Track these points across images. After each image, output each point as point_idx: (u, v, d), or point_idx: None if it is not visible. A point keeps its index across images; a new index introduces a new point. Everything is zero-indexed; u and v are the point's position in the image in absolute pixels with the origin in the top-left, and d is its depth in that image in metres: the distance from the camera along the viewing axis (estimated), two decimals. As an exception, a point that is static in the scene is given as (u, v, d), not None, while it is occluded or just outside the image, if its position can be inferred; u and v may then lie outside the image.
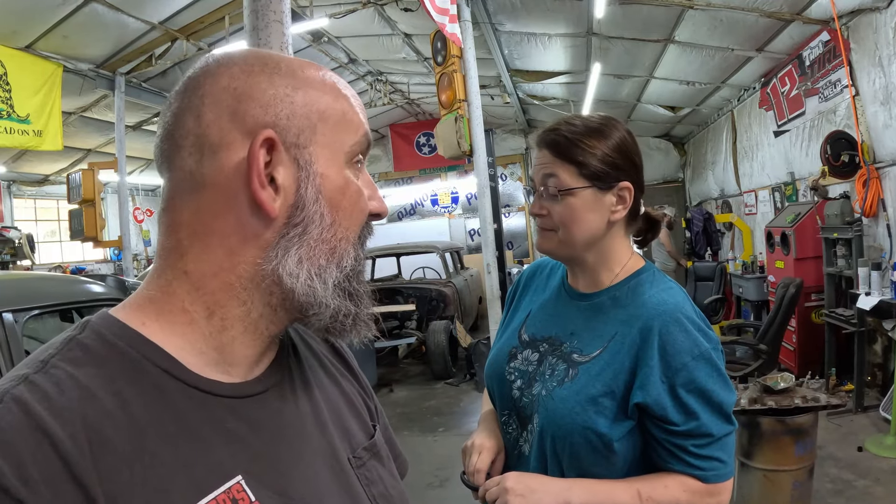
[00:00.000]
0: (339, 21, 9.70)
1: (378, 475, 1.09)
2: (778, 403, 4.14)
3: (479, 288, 13.92)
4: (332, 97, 0.96)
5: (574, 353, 1.72)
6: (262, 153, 0.88)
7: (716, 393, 1.59)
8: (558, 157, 1.72)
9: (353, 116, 0.98)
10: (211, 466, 0.83)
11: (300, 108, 0.92)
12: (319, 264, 0.92)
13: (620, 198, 1.72)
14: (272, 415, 0.95)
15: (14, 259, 13.76)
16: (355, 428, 1.12)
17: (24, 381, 0.77)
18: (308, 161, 0.92)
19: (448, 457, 6.76)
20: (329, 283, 0.93)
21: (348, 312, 0.96)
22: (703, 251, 13.17)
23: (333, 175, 0.94)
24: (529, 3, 9.04)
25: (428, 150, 18.89)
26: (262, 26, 2.68)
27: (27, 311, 3.24)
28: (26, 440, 0.71)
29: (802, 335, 8.24)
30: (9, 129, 9.18)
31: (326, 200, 0.93)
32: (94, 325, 0.88)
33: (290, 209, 0.90)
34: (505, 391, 1.84)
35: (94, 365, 0.81)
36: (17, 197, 16.07)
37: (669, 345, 1.59)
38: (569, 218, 1.71)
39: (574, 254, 1.76)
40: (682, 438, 1.58)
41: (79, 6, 8.43)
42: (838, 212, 7.35)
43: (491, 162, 9.94)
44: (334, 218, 0.94)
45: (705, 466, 1.59)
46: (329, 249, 0.94)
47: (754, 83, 10.55)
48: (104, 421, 0.77)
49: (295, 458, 0.94)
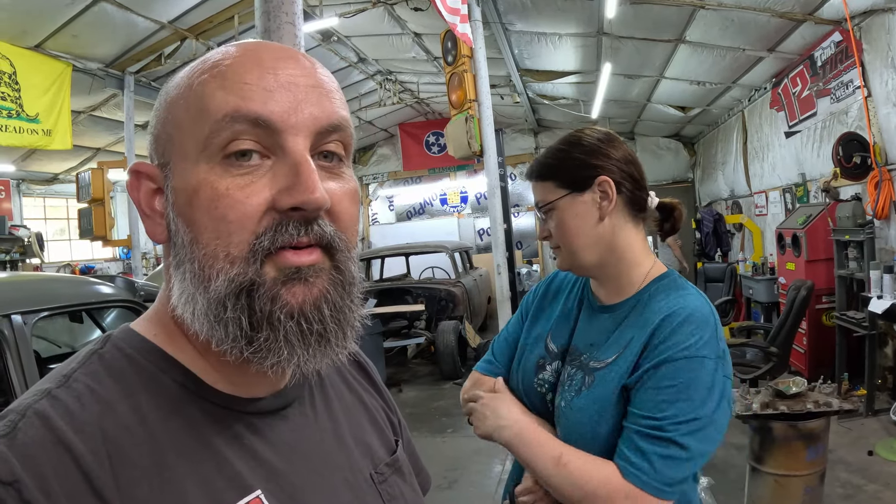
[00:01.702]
0: (348, 20, 9.71)
1: (400, 491, 1.08)
2: (790, 408, 4.11)
3: (488, 288, 13.93)
4: (188, 91, 0.85)
5: (591, 362, 1.70)
6: (140, 183, 0.88)
7: (691, 400, 1.52)
8: (538, 180, 1.82)
9: (211, 101, 0.81)
10: (229, 481, 0.83)
11: (163, 122, 0.87)
12: (188, 290, 0.83)
13: (602, 192, 1.71)
14: (291, 431, 0.95)
15: (23, 258, 13.83)
16: (377, 443, 1.11)
17: (47, 395, 0.78)
18: (169, 177, 0.85)
19: (457, 458, 6.75)
20: (198, 310, 0.82)
21: (235, 340, 0.81)
22: (713, 252, 13.13)
23: (181, 184, 0.83)
24: (540, 3, 9.03)
25: (437, 149, 18.88)
26: (273, 28, 2.66)
27: (36, 313, 3.24)
28: (49, 455, 0.72)
29: (813, 338, 8.19)
30: (18, 128, 9.20)
31: (181, 216, 0.83)
32: (115, 339, 0.89)
33: (168, 234, 0.87)
34: (535, 402, 1.82)
35: (113, 379, 0.83)
36: (26, 196, 16.13)
37: (670, 335, 1.57)
38: (561, 230, 1.76)
39: (585, 262, 1.75)
40: (634, 422, 1.55)
41: (88, 5, 8.44)
42: (850, 214, 7.31)
43: (501, 162, 9.92)
44: (193, 234, 0.82)
45: (634, 461, 1.52)
46: (194, 271, 0.82)
47: (765, 83, 10.51)
48: (123, 435, 0.77)
49: (314, 474, 0.94)
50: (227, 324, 0.80)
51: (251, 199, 0.80)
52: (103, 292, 3.84)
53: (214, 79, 0.82)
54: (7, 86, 8.86)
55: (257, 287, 0.80)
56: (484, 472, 6.49)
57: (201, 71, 0.84)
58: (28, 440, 0.72)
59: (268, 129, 0.81)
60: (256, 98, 0.81)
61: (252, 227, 0.80)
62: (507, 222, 10.74)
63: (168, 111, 0.86)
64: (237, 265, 0.80)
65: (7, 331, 3.00)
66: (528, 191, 11.17)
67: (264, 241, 0.80)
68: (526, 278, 15.28)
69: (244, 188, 0.80)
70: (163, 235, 0.87)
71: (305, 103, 0.84)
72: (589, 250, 1.72)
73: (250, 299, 0.80)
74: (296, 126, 0.82)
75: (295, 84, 0.84)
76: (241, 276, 0.80)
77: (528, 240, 19.30)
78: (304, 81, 0.85)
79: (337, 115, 0.87)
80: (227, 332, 0.81)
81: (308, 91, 0.85)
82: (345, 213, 0.87)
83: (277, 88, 0.82)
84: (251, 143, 0.81)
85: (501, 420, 1.79)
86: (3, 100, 8.87)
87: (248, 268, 0.80)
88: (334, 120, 0.87)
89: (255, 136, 0.81)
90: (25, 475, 0.69)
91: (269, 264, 0.81)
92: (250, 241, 0.80)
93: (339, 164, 0.89)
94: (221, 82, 0.82)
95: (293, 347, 0.81)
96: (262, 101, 0.81)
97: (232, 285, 0.80)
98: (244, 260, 0.80)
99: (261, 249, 0.80)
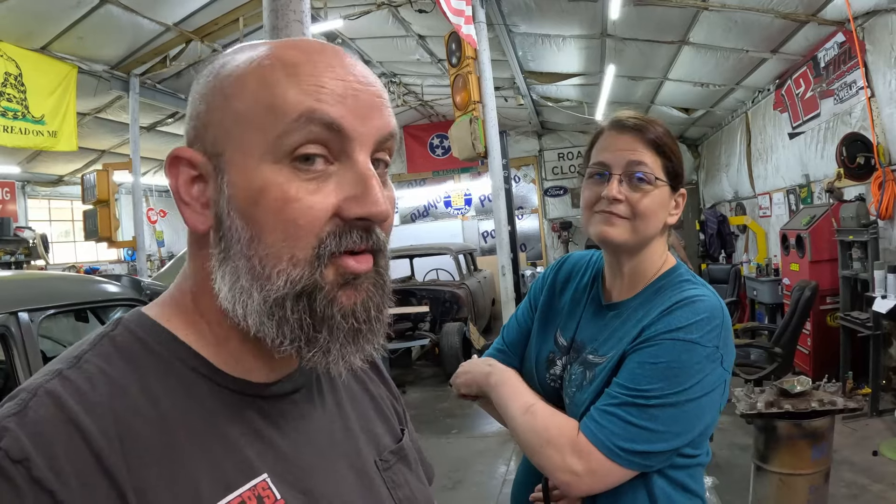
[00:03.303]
0: (353, 22, 9.74)
1: (404, 479, 1.08)
2: (795, 407, 4.11)
3: (492, 290, 13.92)
4: (255, 83, 0.83)
5: (592, 356, 1.70)
6: (179, 170, 0.88)
7: (670, 380, 1.51)
8: (648, 146, 1.68)
9: (283, 99, 0.81)
10: (237, 464, 0.83)
11: (214, 110, 0.86)
12: (241, 285, 0.83)
13: (677, 203, 1.74)
14: (299, 416, 0.96)
15: (28, 259, 13.84)
16: (382, 431, 1.12)
17: (58, 375, 0.79)
18: (223, 169, 0.84)
19: (461, 459, 6.76)
20: (251, 307, 0.83)
21: (295, 339, 0.83)
22: (717, 253, 13.15)
23: (243, 182, 0.82)
24: (544, 5, 9.04)
25: (441, 151, 18.90)
26: (282, 26, 2.68)
27: (43, 311, 3.25)
28: (59, 433, 0.73)
29: (817, 338, 8.18)
30: (24, 129, 9.24)
31: (239, 213, 0.83)
32: (126, 322, 0.90)
33: (216, 225, 0.86)
34: (552, 396, 1.81)
35: (125, 361, 0.83)
36: (31, 197, 16.14)
37: (665, 315, 1.58)
38: (649, 209, 1.67)
39: (638, 248, 1.72)
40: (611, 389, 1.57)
41: (94, 8, 8.48)
42: (854, 214, 7.31)
43: (505, 164, 9.93)
44: (252, 233, 0.82)
45: (596, 418, 1.53)
46: (250, 268, 0.82)
47: (769, 85, 10.51)
48: (134, 416, 0.78)
49: (320, 459, 0.95)
50: (286, 324, 0.82)
51: (319, 205, 0.81)
52: (109, 291, 3.86)
53: (288, 77, 0.82)
54: (13, 87, 8.90)
55: (318, 289, 0.82)
56: (488, 473, 6.49)
57: (271, 66, 0.83)
58: (38, 419, 0.73)
59: (339, 135, 0.82)
60: (332, 102, 0.81)
61: (318, 233, 0.81)
62: (512, 224, 10.77)
63: (224, 99, 0.85)
64: (299, 267, 0.81)
65: (14, 328, 3.02)
66: (532, 193, 11.15)
67: (330, 246, 0.82)
68: (530, 280, 15.25)
69: (313, 194, 0.81)
70: (205, 225, 0.87)
71: (372, 113, 0.85)
72: (650, 239, 1.71)
73: (311, 301, 0.82)
74: (363, 136, 0.83)
75: (363, 92, 0.85)
76: (304, 278, 0.81)
77: (531, 242, 19.32)
78: (369, 91, 0.86)
79: (392, 126, 0.88)
80: (284, 331, 0.82)
81: (372, 100, 0.86)
82: (390, 220, 0.89)
83: (349, 96, 0.83)
84: (319, 148, 0.82)
85: (489, 369, 1.83)
86: (9, 101, 8.92)
87: (312, 271, 0.81)
88: (391, 130, 0.88)
89: (326, 140, 0.81)
90: (35, 453, 0.70)
91: (329, 268, 0.82)
92: (314, 246, 0.81)
93: (384, 171, 0.90)
94: (296, 80, 0.81)
95: (344, 346, 0.84)
96: (337, 106, 0.81)
97: (294, 287, 0.81)
98: (308, 263, 0.81)
99: (325, 254, 0.81)
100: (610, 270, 1.81)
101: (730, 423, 6.52)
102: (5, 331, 2.98)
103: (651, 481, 1.58)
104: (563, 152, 18.78)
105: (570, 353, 1.79)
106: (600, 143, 1.76)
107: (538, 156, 18.98)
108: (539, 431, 1.59)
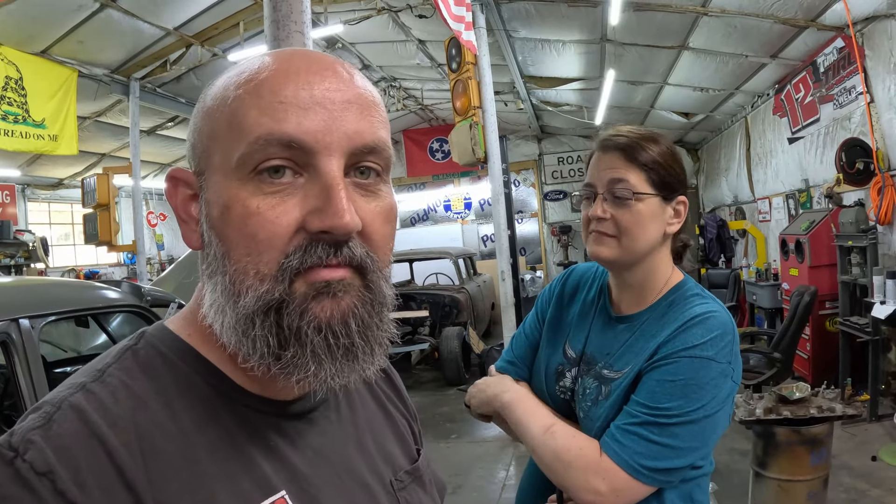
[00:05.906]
0: (353, 27, 9.74)
1: (418, 499, 1.09)
2: (793, 413, 4.11)
3: (491, 294, 13.93)
4: (224, 105, 0.84)
5: (606, 371, 1.71)
6: (177, 189, 0.91)
7: (689, 398, 1.54)
8: (629, 161, 1.69)
9: (243, 120, 0.81)
10: (256, 480, 0.84)
11: (199, 132, 0.87)
12: (219, 302, 0.84)
13: (676, 211, 1.74)
14: (316, 435, 0.97)
15: (28, 262, 13.82)
16: (398, 452, 1.12)
17: (82, 389, 0.80)
18: (203, 187, 0.86)
19: (460, 463, 6.76)
20: (226, 323, 0.83)
21: (263, 356, 0.81)
22: (716, 258, 13.15)
23: (214, 197, 0.83)
24: (544, 10, 9.06)
25: (441, 155, 18.91)
26: (283, 36, 2.69)
27: (44, 317, 3.26)
28: (83, 447, 0.74)
29: (817, 343, 8.18)
30: (24, 133, 9.25)
31: (213, 229, 0.84)
32: (149, 336, 0.91)
33: (204, 241, 0.87)
34: (562, 408, 1.82)
35: (147, 376, 0.84)
36: (31, 200, 16.12)
37: (681, 332, 1.59)
38: (635, 224, 1.68)
39: (632, 262, 1.73)
40: (630, 407, 1.59)
41: (94, 12, 8.51)
42: (853, 219, 7.30)
43: (505, 168, 9.94)
44: (224, 249, 0.82)
45: (618, 438, 1.56)
46: (225, 284, 0.83)
47: (768, 90, 10.52)
48: (156, 431, 0.79)
49: (335, 478, 0.95)
50: (255, 340, 0.81)
51: (281, 218, 0.80)
52: (109, 297, 3.87)
53: (249, 95, 0.81)
54: (13, 91, 8.91)
55: (286, 304, 0.80)
56: (488, 478, 6.50)
57: (237, 84, 0.83)
58: (63, 432, 0.74)
59: (300, 150, 0.80)
60: (290, 119, 0.79)
61: (281, 247, 0.80)
62: (511, 228, 10.77)
63: (204, 121, 0.86)
64: (266, 283, 0.80)
65: (15, 335, 3.03)
66: (532, 197, 11.13)
67: (293, 260, 0.80)
68: (529, 284, 15.27)
69: (275, 207, 0.80)
70: (197, 243, 0.89)
71: (340, 121, 0.82)
72: (643, 254, 1.72)
73: (279, 316, 0.80)
74: (329, 146, 0.81)
75: (330, 100, 0.82)
76: (270, 293, 0.80)
77: (531, 246, 19.31)
78: (340, 97, 0.83)
79: (372, 137, 0.85)
80: (254, 347, 0.81)
81: (344, 108, 0.83)
82: (377, 233, 0.86)
83: (312, 105, 0.81)
84: (284, 161, 0.80)
85: (503, 388, 1.83)
86: (10, 105, 8.92)
87: (277, 286, 0.80)
88: (369, 141, 0.84)
89: (289, 155, 0.80)
90: (59, 466, 0.71)
91: (298, 281, 0.80)
92: (279, 260, 0.80)
93: (375, 180, 0.87)
94: (256, 100, 0.81)
95: (321, 362, 0.81)
96: (297, 122, 0.80)
97: (260, 302, 0.80)
98: (273, 278, 0.80)
99: (290, 268, 0.80)
100: (615, 283, 1.84)
101: (729, 428, 6.49)
102: (6, 337, 2.99)
103: (663, 495, 1.61)
104: (562, 156, 18.77)
105: (580, 366, 1.80)
106: (590, 164, 1.80)
107: (538, 160, 18.98)
108: (560, 453, 1.61)
